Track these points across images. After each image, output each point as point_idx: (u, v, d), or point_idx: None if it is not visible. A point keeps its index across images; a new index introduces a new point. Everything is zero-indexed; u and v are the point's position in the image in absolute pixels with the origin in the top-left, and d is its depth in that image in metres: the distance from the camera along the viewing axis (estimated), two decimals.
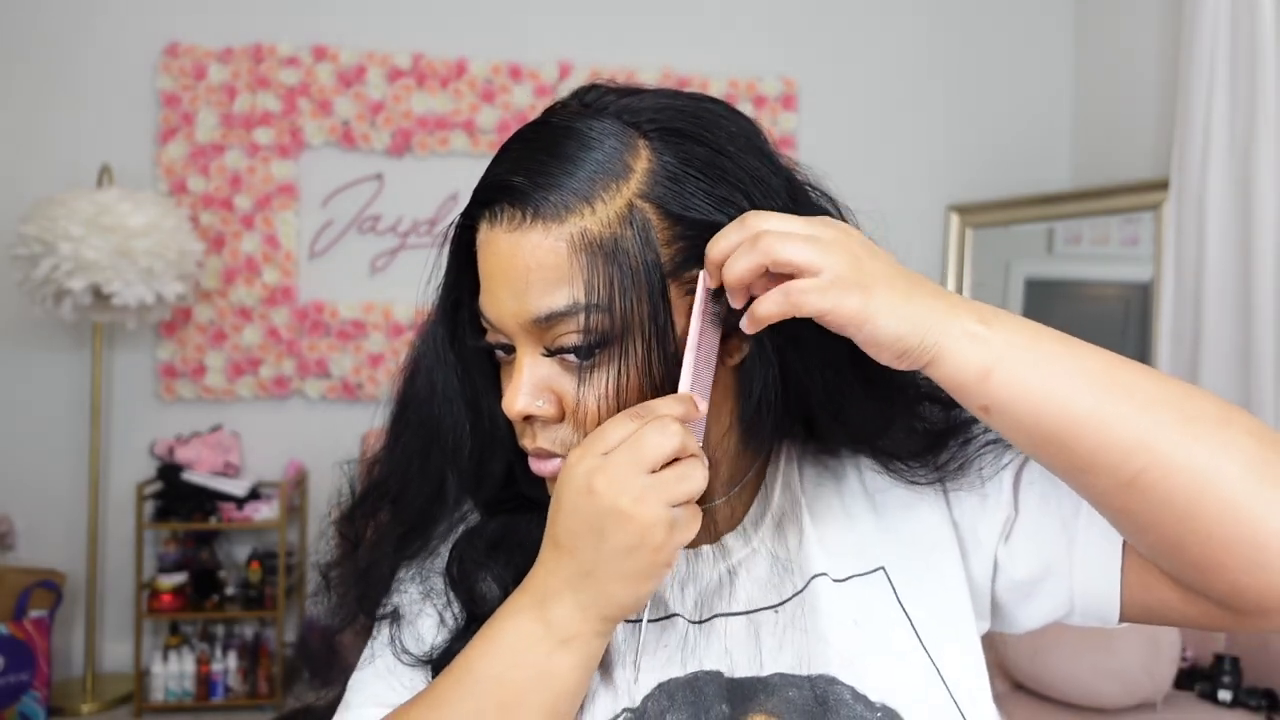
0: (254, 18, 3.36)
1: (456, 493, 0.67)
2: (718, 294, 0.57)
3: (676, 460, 0.54)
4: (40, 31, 3.24)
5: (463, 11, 3.48)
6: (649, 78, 3.52)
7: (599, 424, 0.57)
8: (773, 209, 0.58)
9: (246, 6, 3.37)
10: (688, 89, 0.65)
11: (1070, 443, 0.53)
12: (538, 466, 0.61)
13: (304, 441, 3.37)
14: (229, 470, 3.23)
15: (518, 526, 0.66)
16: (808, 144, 3.64)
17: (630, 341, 0.56)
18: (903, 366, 0.54)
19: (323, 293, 3.40)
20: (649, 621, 0.63)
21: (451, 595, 0.65)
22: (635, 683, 0.61)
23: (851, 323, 0.52)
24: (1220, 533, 0.51)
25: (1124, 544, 0.60)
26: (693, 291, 0.57)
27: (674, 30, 3.59)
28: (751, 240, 0.53)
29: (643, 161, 0.57)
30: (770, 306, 0.53)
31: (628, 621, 0.63)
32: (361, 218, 3.44)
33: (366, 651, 0.67)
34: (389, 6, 3.45)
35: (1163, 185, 3.09)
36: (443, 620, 0.65)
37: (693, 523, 0.54)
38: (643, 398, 0.57)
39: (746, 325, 0.56)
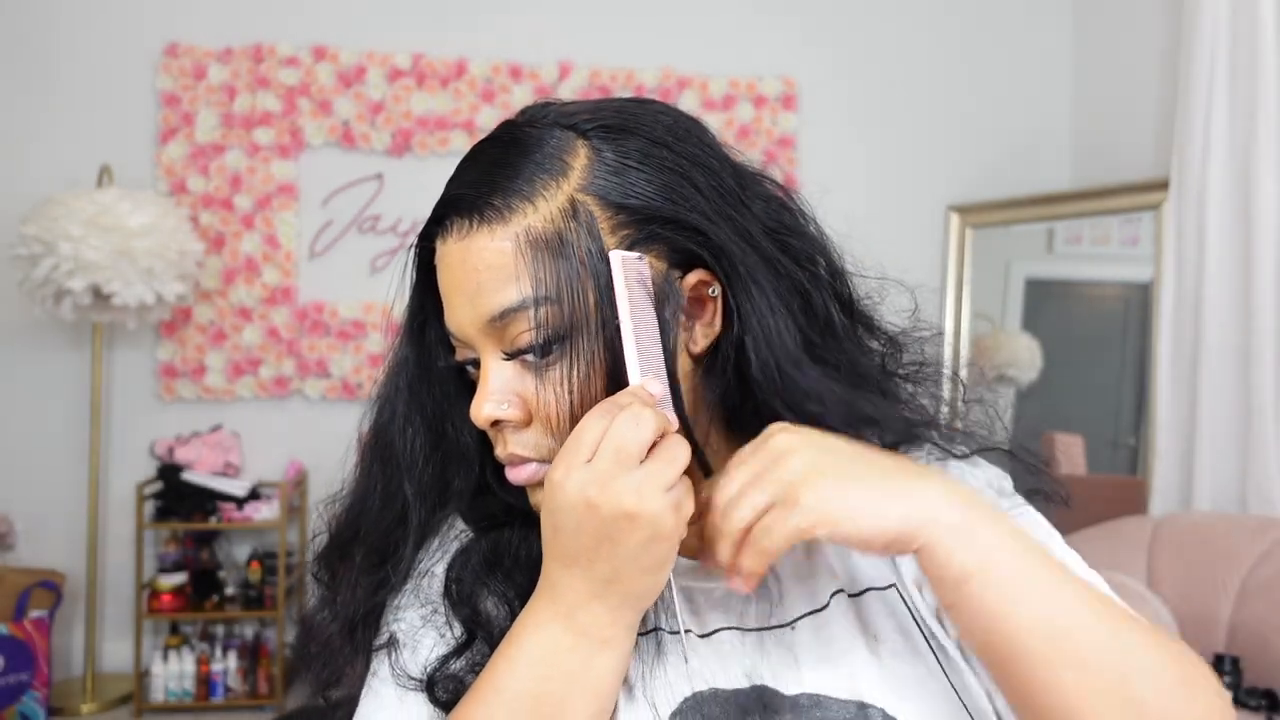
0: (254, 18, 3.36)
1: (420, 513, 0.66)
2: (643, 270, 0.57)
3: (656, 445, 0.54)
4: (40, 32, 3.24)
5: (463, 11, 3.48)
6: (649, 78, 3.52)
7: (561, 422, 0.57)
8: (716, 194, 0.59)
9: (246, 6, 3.37)
10: (688, 89, 0.66)
11: (1005, 674, 0.54)
12: (513, 475, 0.61)
13: (304, 441, 3.36)
14: (229, 470, 3.23)
15: (509, 541, 0.66)
16: (808, 144, 3.64)
17: (581, 334, 0.57)
18: (893, 554, 0.55)
19: (323, 293, 3.40)
20: (683, 633, 0.62)
21: (452, 616, 0.64)
22: (655, 700, 0.60)
23: (817, 536, 0.53)
24: None
25: None
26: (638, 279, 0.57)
27: (674, 30, 3.59)
28: (724, 517, 0.55)
29: (581, 159, 0.59)
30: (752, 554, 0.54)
31: (642, 634, 0.62)
32: (361, 218, 3.44)
33: (366, 690, 0.64)
34: (389, 6, 3.45)
35: (1163, 185, 3.09)
36: (443, 640, 0.64)
37: (689, 495, 0.54)
38: (596, 389, 0.57)
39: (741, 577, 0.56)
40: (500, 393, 0.59)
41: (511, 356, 0.59)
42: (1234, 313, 2.80)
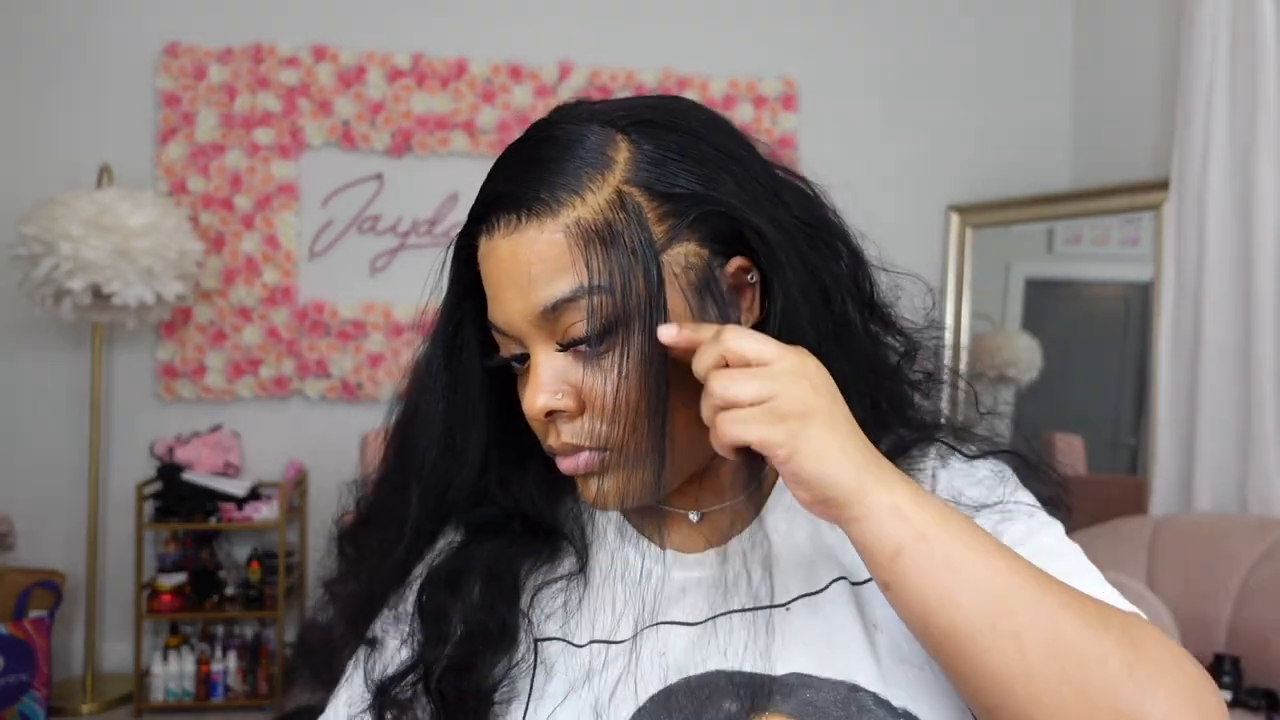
0: (254, 18, 3.36)
1: (416, 515, 0.67)
2: None
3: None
4: (40, 31, 3.24)
5: (463, 11, 3.48)
6: (649, 78, 3.52)
7: (615, 408, 0.58)
8: (752, 185, 0.61)
9: (246, 6, 3.37)
10: (688, 89, 0.67)
11: (944, 652, 0.52)
12: (565, 465, 0.62)
13: (304, 441, 3.37)
14: (229, 470, 3.23)
15: (477, 556, 0.67)
16: (808, 144, 3.64)
17: (634, 321, 0.57)
18: (818, 513, 0.54)
19: (323, 293, 3.40)
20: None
21: (417, 626, 0.66)
22: (612, 702, 0.61)
23: (775, 454, 0.52)
24: None
25: None
26: (688, 267, 0.59)
27: (674, 30, 3.59)
28: (715, 337, 0.55)
29: (623, 152, 0.60)
30: (705, 413, 0.55)
31: (611, 643, 0.63)
32: (361, 218, 3.44)
33: (344, 677, 0.67)
34: (389, 6, 3.45)
35: (1163, 185, 3.08)
36: (402, 650, 0.66)
37: None
38: (649, 376, 0.58)
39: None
40: (553, 383, 0.60)
41: (565, 348, 0.59)
42: (1234, 313, 2.80)
